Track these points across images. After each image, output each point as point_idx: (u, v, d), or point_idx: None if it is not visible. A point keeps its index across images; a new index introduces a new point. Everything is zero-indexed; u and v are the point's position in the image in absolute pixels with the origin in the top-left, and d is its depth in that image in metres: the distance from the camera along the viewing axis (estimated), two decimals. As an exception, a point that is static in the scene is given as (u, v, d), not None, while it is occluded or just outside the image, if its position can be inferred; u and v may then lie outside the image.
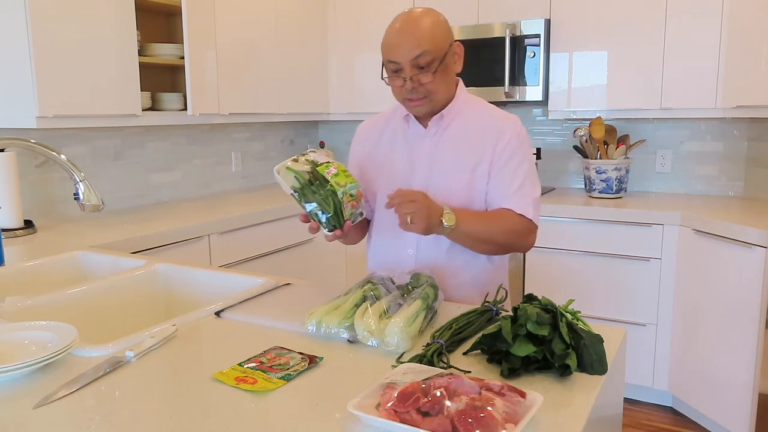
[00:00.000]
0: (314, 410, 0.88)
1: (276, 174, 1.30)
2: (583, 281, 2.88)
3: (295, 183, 1.28)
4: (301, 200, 1.29)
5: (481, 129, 1.48)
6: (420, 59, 1.37)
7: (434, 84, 1.41)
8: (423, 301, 1.19)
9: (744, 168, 3.08)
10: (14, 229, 2.22)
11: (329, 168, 1.28)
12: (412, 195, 1.29)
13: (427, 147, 1.50)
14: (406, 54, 1.37)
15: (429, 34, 1.38)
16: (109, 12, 2.39)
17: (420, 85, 1.40)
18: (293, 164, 1.30)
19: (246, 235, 2.70)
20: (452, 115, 1.49)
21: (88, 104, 2.34)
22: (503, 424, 0.76)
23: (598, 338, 1.01)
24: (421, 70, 1.38)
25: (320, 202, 1.26)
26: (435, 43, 1.38)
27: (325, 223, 1.28)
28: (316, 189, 1.26)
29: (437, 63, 1.38)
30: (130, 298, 1.60)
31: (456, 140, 1.48)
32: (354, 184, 1.30)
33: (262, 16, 3.16)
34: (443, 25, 1.42)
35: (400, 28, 1.39)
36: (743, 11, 2.64)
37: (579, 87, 3.08)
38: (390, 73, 1.43)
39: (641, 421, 2.77)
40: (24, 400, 0.92)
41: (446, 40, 1.41)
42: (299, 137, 4.08)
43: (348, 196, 1.28)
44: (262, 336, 1.18)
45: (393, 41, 1.39)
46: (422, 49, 1.36)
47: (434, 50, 1.37)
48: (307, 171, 1.28)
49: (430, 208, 1.30)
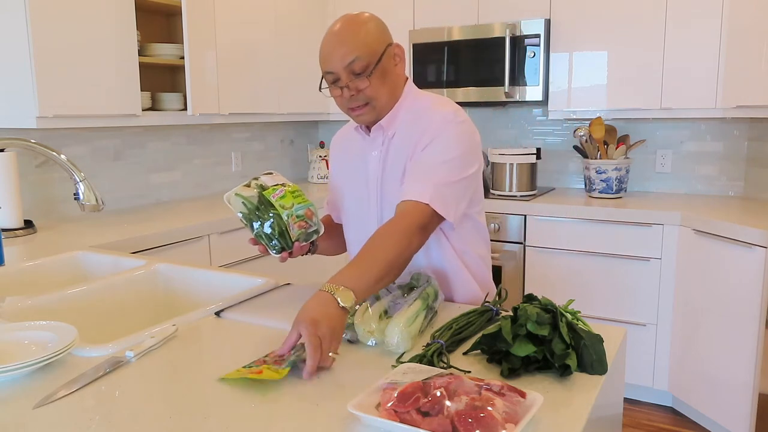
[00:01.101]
0: (314, 410, 0.88)
1: (227, 202, 1.33)
2: (583, 281, 2.88)
3: (243, 208, 1.31)
4: (248, 224, 1.32)
5: (416, 129, 1.39)
6: (354, 65, 1.32)
7: (372, 89, 1.35)
8: (423, 301, 1.19)
9: (744, 168, 3.08)
10: (14, 229, 2.22)
11: (275, 191, 1.30)
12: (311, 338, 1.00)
13: (377, 157, 1.45)
14: (338, 62, 1.32)
15: (360, 38, 1.32)
16: (109, 12, 2.39)
17: (358, 92, 1.34)
18: (242, 190, 1.34)
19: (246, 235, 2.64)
20: (396, 122, 1.42)
21: (88, 104, 2.34)
22: (503, 424, 0.76)
23: (598, 338, 1.01)
24: (357, 76, 1.33)
25: (266, 226, 1.29)
26: (368, 46, 1.32)
27: (272, 246, 1.31)
28: (261, 213, 1.29)
29: (372, 67, 1.33)
30: (130, 298, 1.60)
31: (400, 146, 1.41)
32: (303, 204, 1.31)
33: (262, 16, 3.16)
34: (377, 27, 1.37)
35: (331, 37, 1.34)
36: (743, 11, 2.64)
37: (579, 87, 3.08)
38: (329, 84, 1.38)
39: (641, 421, 2.77)
40: (24, 400, 0.92)
41: (380, 42, 1.35)
42: (299, 137, 4.08)
43: (294, 218, 1.29)
44: (262, 336, 1.18)
45: (326, 50, 1.35)
46: (354, 55, 1.31)
47: (367, 54, 1.32)
48: (255, 195, 1.31)
49: (332, 328, 1.04)
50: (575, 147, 3.24)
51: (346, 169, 1.55)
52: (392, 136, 1.43)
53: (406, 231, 1.25)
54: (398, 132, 1.42)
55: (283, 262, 1.37)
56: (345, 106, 1.40)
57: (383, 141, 1.44)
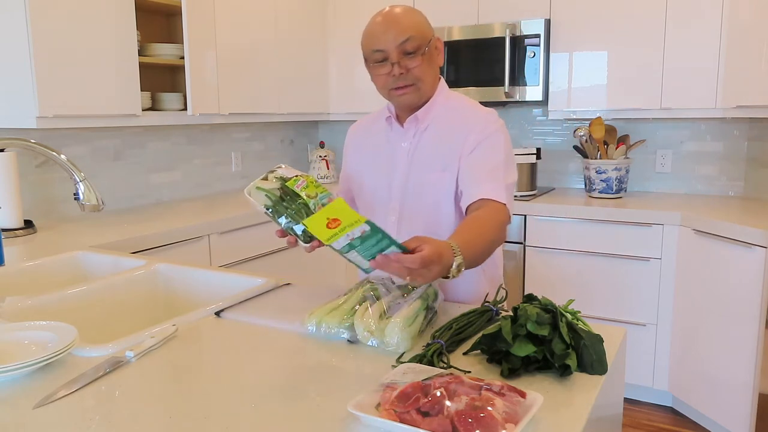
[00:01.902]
0: (314, 410, 0.88)
1: (247, 195, 1.32)
2: (583, 281, 2.88)
3: (267, 201, 1.30)
4: (275, 216, 1.31)
5: (456, 127, 1.46)
6: (407, 44, 1.38)
7: (421, 69, 1.41)
8: (423, 301, 1.19)
9: (744, 168, 3.08)
10: (14, 229, 2.22)
11: (298, 182, 1.29)
12: (430, 264, 1.06)
13: (406, 148, 1.50)
14: (391, 40, 1.37)
15: (415, 21, 1.40)
16: (109, 12, 2.39)
17: (407, 71, 1.40)
18: (263, 183, 1.32)
19: (246, 235, 2.70)
20: (430, 115, 1.48)
21: (88, 104, 2.34)
22: (503, 424, 0.76)
23: (598, 338, 1.01)
24: (407, 55, 1.39)
25: (293, 216, 1.28)
26: (420, 29, 1.40)
27: (301, 236, 1.30)
28: (288, 204, 1.28)
29: (424, 46, 1.40)
30: (130, 298, 1.60)
31: (434, 140, 1.48)
32: (325, 193, 1.31)
33: (262, 16, 3.16)
34: (425, 17, 1.45)
35: (383, 19, 1.41)
36: (743, 11, 2.64)
37: (579, 87, 3.08)
38: (372, 64, 1.43)
39: (641, 421, 2.77)
40: (24, 400, 0.92)
41: (429, 29, 1.44)
42: (299, 137, 4.08)
43: (320, 206, 1.29)
44: (262, 336, 1.18)
45: (377, 30, 1.40)
46: (408, 34, 1.37)
47: (420, 36, 1.39)
48: (277, 188, 1.30)
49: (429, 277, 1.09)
50: (575, 147, 3.24)
51: (366, 158, 1.59)
52: (425, 129, 1.48)
53: (502, 225, 1.35)
54: (432, 125, 1.48)
55: (309, 252, 1.34)
56: (390, 86, 1.43)
57: (415, 133, 1.49)
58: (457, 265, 1.12)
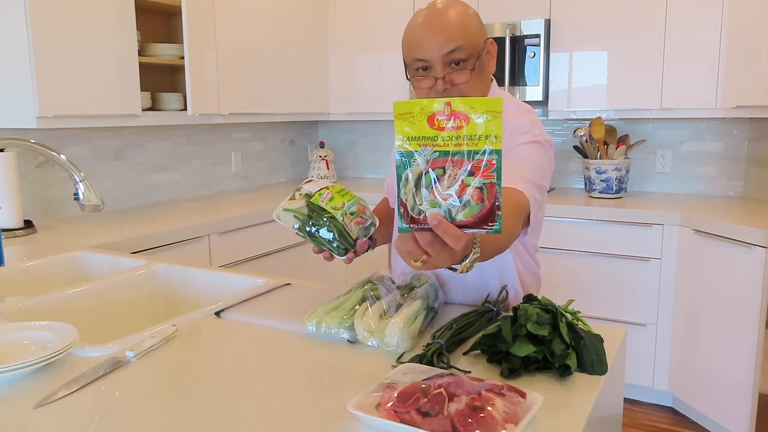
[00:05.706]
0: (314, 410, 0.88)
1: (277, 219, 1.31)
2: (583, 281, 2.88)
3: (296, 221, 1.29)
4: (306, 236, 1.29)
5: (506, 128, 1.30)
6: (454, 54, 1.19)
7: (469, 86, 1.22)
8: (423, 301, 1.19)
9: (744, 168, 3.08)
10: (14, 229, 2.22)
11: (323, 195, 1.29)
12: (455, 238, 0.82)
13: None
14: (436, 49, 1.18)
15: (463, 26, 1.19)
16: (109, 12, 2.39)
17: (453, 86, 1.22)
18: (289, 203, 1.31)
19: (246, 235, 2.70)
20: None
21: (88, 104, 2.34)
22: (503, 424, 0.76)
23: (598, 338, 1.01)
24: (454, 67, 1.21)
25: (324, 231, 1.27)
26: (470, 37, 1.20)
27: (335, 249, 1.29)
28: (315, 221, 1.27)
29: (474, 60, 1.21)
30: (130, 298, 1.60)
31: None
32: (353, 201, 1.30)
33: (262, 16, 3.16)
34: (478, 18, 1.24)
35: (426, 21, 1.20)
36: (743, 11, 2.64)
37: (579, 87, 3.08)
38: (414, 72, 1.25)
39: (641, 421, 2.77)
40: (24, 400, 0.92)
41: (482, 36, 1.23)
42: (299, 137, 4.08)
43: (348, 216, 1.28)
44: (262, 336, 1.18)
45: (420, 35, 1.20)
46: (457, 44, 1.18)
47: (470, 45, 1.20)
48: (304, 205, 1.29)
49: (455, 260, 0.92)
50: (575, 147, 3.24)
51: None
52: None
53: (522, 215, 1.13)
54: None
55: (348, 263, 1.29)
56: None
57: None
58: (471, 260, 0.93)
